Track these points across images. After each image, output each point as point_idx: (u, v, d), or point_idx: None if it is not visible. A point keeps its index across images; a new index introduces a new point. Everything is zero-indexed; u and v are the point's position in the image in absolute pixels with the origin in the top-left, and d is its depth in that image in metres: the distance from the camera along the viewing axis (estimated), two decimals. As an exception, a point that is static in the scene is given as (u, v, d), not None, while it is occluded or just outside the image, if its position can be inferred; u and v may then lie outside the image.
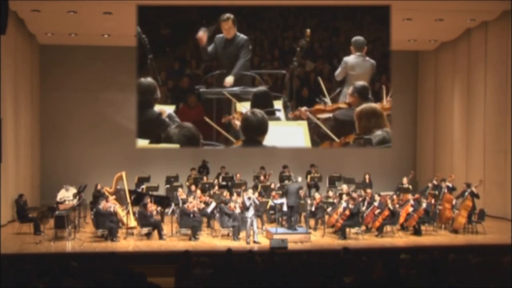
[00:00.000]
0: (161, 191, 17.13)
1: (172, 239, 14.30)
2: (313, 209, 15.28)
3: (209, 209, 14.98)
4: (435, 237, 14.88)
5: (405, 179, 17.00)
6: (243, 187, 16.51)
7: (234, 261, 9.25)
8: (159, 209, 15.04)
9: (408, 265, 8.66)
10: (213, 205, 14.99)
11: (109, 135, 20.46)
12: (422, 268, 8.37)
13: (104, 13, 15.66)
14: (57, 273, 7.50)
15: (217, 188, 16.92)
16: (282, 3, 14.97)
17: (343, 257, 9.89)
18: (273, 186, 16.86)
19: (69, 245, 13.52)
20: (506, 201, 16.92)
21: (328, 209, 15.23)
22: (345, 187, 16.75)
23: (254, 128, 9.97)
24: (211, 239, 14.38)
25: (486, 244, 14.08)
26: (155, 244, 13.79)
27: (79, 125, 20.59)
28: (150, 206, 14.53)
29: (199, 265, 8.71)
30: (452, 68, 20.12)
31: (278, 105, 12.16)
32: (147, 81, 11.52)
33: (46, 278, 7.32)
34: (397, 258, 9.71)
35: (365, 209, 15.26)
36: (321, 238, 14.65)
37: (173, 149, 14.72)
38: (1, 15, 12.18)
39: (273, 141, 10.91)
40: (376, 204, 14.96)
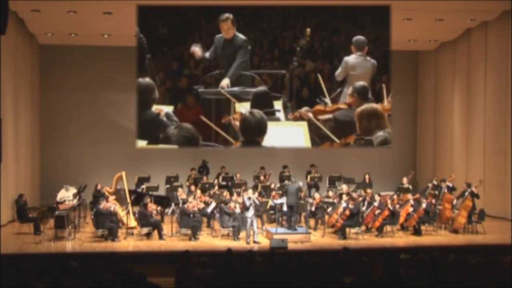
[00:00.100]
0: (161, 191, 17.12)
1: (172, 239, 14.30)
2: (313, 209, 15.28)
3: (209, 209, 14.98)
4: (435, 237, 14.88)
5: (405, 179, 17.00)
6: (243, 187, 16.51)
7: (234, 261, 9.24)
8: (159, 209, 15.05)
9: (408, 265, 8.66)
10: (213, 205, 15.00)
11: (109, 135, 20.46)
12: (422, 268, 8.37)
13: (104, 13, 15.66)
14: (57, 273, 7.50)
15: (217, 188, 16.92)
16: (282, 3, 14.93)
17: (343, 257, 9.89)
18: (273, 186, 16.85)
19: (69, 245, 13.51)
20: (506, 201, 16.92)
21: (328, 209, 15.23)
22: (345, 187, 16.75)
23: (252, 128, 9.94)
24: (211, 239, 14.38)
25: (486, 244, 14.08)
26: (155, 244, 13.78)
27: (79, 125, 20.59)
28: (150, 206, 14.54)
29: (199, 265, 8.71)
30: (452, 68, 20.11)
31: (277, 105, 12.09)
32: (145, 81, 11.48)
33: (46, 278, 7.32)
34: (397, 258, 9.71)
35: (365, 209, 15.26)
36: (321, 238, 14.64)
37: (173, 149, 14.74)
38: (1, 15, 12.18)
39: (273, 142, 10.89)
40: (376, 204, 14.96)
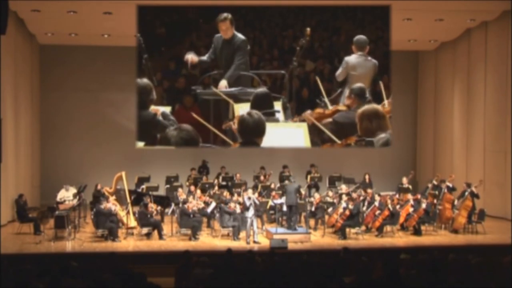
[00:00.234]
0: (161, 191, 17.13)
1: (172, 239, 14.30)
2: (313, 209, 15.28)
3: (209, 209, 14.99)
4: (435, 237, 14.88)
5: (405, 179, 16.99)
6: (243, 187, 16.51)
7: (234, 261, 9.24)
8: (159, 209, 15.04)
9: (408, 265, 8.65)
10: (213, 205, 15.00)
11: (109, 135, 20.46)
12: (422, 268, 8.37)
13: (104, 13, 15.67)
14: (57, 273, 7.50)
15: (217, 188, 16.92)
16: (282, 3, 14.90)
17: (343, 257, 9.89)
18: (273, 186, 16.84)
19: (69, 245, 13.51)
20: (506, 201, 16.92)
21: (328, 209, 15.23)
22: (345, 187, 16.75)
23: (251, 129, 9.86)
24: (211, 239, 14.38)
25: (486, 244, 14.08)
26: (155, 244, 13.78)
27: (79, 125, 20.59)
28: (150, 206, 14.54)
29: (199, 265, 8.71)
30: (452, 68, 20.11)
31: (277, 106, 11.96)
32: (143, 82, 11.43)
33: (46, 278, 7.31)
34: (397, 258, 9.70)
35: (366, 209, 15.26)
36: (321, 238, 14.64)
37: (173, 149, 14.77)
38: (1, 15, 12.18)
39: (273, 143, 10.84)
40: (376, 204, 14.96)
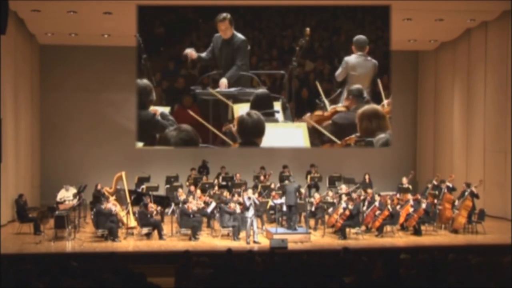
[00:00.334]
0: (161, 191, 17.13)
1: (172, 239, 14.30)
2: (313, 209, 15.28)
3: (209, 209, 14.99)
4: (435, 237, 14.88)
5: (405, 179, 17.00)
6: (243, 187, 16.50)
7: (234, 261, 9.25)
8: (159, 209, 15.04)
9: (408, 265, 8.66)
10: (213, 205, 15.00)
11: (109, 135, 20.45)
12: (422, 268, 8.37)
13: (104, 13, 15.66)
14: (57, 273, 7.51)
15: (217, 188, 16.92)
16: (281, 2, 14.87)
17: (343, 257, 9.89)
18: (273, 186, 16.84)
19: (69, 245, 13.51)
20: (506, 201, 16.92)
21: (328, 209, 15.23)
22: (345, 187, 16.75)
23: (250, 130, 9.84)
24: (211, 239, 14.37)
25: (486, 244, 14.08)
26: (155, 244, 13.78)
27: (79, 125, 20.59)
28: (150, 206, 14.53)
29: (199, 265, 8.71)
30: (452, 68, 20.11)
31: (276, 106, 11.92)
32: (143, 82, 11.43)
33: (46, 278, 7.32)
34: (397, 258, 9.71)
35: (366, 209, 15.26)
36: (321, 238, 14.64)
37: (173, 149, 14.75)
38: (1, 15, 12.18)
39: (272, 143, 10.83)
40: (377, 204, 14.95)
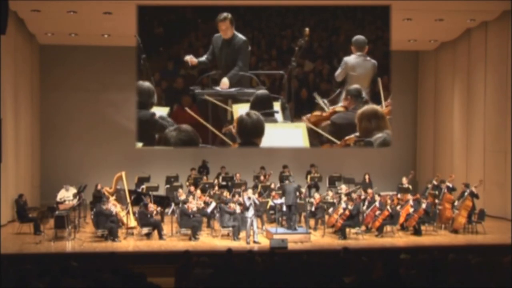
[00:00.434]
0: (161, 191, 17.13)
1: (172, 239, 14.30)
2: (313, 209, 15.28)
3: (209, 209, 14.99)
4: (435, 237, 14.88)
5: (405, 179, 17.00)
6: (243, 187, 16.50)
7: (234, 261, 9.25)
8: (159, 209, 15.04)
9: (408, 265, 8.66)
10: (213, 205, 15.01)
11: (109, 135, 20.45)
12: (422, 268, 8.37)
13: (104, 13, 15.67)
14: (57, 273, 7.51)
15: (217, 188, 16.92)
16: (281, 2, 14.86)
17: (343, 257, 9.89)
18: (273, 186, 16.84)
19: (69, 245, 13.52)
20: (506, 201, 16.92)
21: (328, 209, 15.23)
22: (345, 187, 16.76)
23: (249, 130, 9.80)
24: (211, 239, 14.38)
25: (486, 244, 14.08)
26: (155, 244, 13.79)
27: (79, 125, 20.59)
28: (150, 206, 14.53)
29: (199, 265, 8.71)
30: (452, 68, 20.11)
31: (276, 106, 11.85)
32: (145, 84, 11.44)
33: (46, 278, 7.32)
34: (397, 258, 9.71)
35: (366, 209, 15.26)
36: (321, 238, 14.64)
37: (173, 149, 14.69)
38: (1, 15, 12.18)
39: (271, 143, 10.81)
40: (377, 204, 14.96)
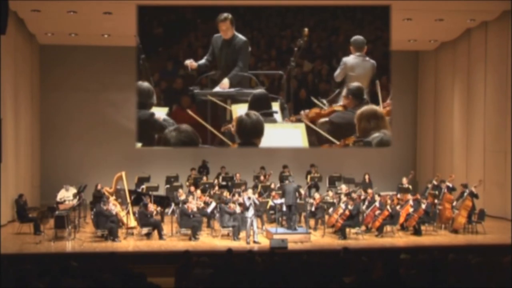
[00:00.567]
0: (161, 191, 17.13)
1: (172, 239, 14.30)
2: (313, 209, 15.28)
3: (209, 209, 14.99)
4: (435, 237, 14.88)
5: (405, 179, 17.02)
6: (243, 187, 16.50)
7: (234, 261, 9.25)
8: (159, 209, 15.05)
9: (408, 265, 8.66)
10: (213, 205, 15.01)
11: (109, 135, 20.46)
12: (422, 268, 8.37)
13: (104, 13, 15.67)
14: (57, 273, 7.51)
15: (217, 188, 16.92)
16: (280, 2, 14.85)
17: (343, 257, 9.89)
18: (273, 186, 16.84)
19: (69, 245, 13.51)
20: (506, 201, 16.92)
21: (329, 209, 15.23)
22: (345, 187, 16.76)
23: (249, 130, 9.80)
24: (211, 239, 14.38)
25: (486, 244, 14.08)
26: (155, 244, 13.79)
27: (79, 125, 20.59)
28: (150, 206, 14.54)
29: (199, 265, 8.72)
30: (452, 68, 20.11)
31: (275, 107, 11.82)
32: (145, 85, 11.45)
33: (46, 278, 7.32)
34: (397, 258, 9.71)
35: (366, 209, 15.26)
36: (321, 238, 14.64)
37: (173, 149, 14.75)
38: (1, 15, 12.18)
39: (270, 143, 10.80)
40: (377, 204, 14.96)
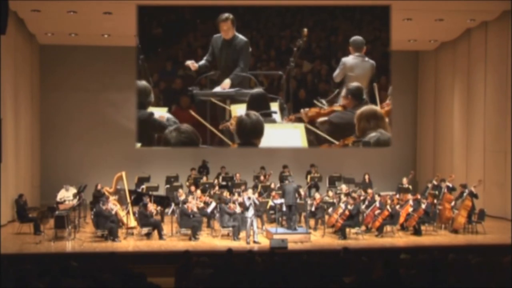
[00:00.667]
0: (161, 191, 17.13)
1: (172, 239, 14.30)
2: (313, 209, 15.28)
3: (209, 209, 14.99)
4: (435, 237, 14.88)
5: (405, 179, 17.02)
6: (243, 187, 16.50)
7: (234, 261, 9.25)
8: (159, 209, 15.05)
9: (408, 265, 8.67)
10: (213, 205, 15.01)
11: (109, 135, 20.45)
12: (422, 268, 8.38)
13: (104, 13, 15.67)
14: (57, 273, 7.51)
15: (217, 188, 16.92)
16: (280, 3, 14.85)
17: (343, 257, 9.90)
18: (273, 186, 16.84)
19: (69, 245, 13.51)
20: (506, 201, 16.92)
21: (328, 209, 15.23)
22: (345, 187, 16.76)
23: (249, 130, 9.80)
24: (211, 239, 14.38)
25: (486, 244, 14.08)
26: (155, 244, 13.79)
27: (79, 125, 20.59)
28: (150, 206, 14.54)
29: (199, 265, 8.72)
30: (452, 68, 20.11)
31: (274, 107, 11.84)
32: (141, 84, 11.46)
33: (46, 278, 7.32)
34: (397, 258, 9.72)
35: (366, 209, 15.26)
36: (321, 238, 14.64)
37: (173, 149, 14.74)
38: (1, 15, 12.18)
39: (270, 143, 10.81)
40: (377, 204, 14.96)
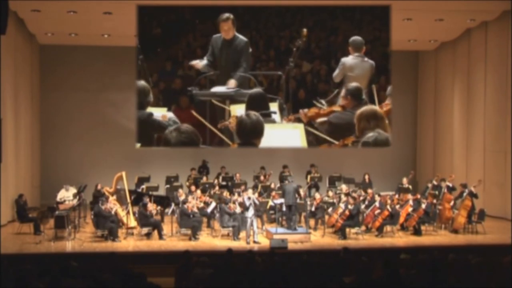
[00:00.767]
0: (161, 191, 17.14)
1: (172, 239, 14.30)
2: (313, 209, 15.29)
3: (209, 209, 14.99)
4: (435, 237, 14.88)
5: (405, 179, 17.03)
6: (243, 187, 16.50)
7: (234, 261, 9.25)
8: (159, 209, 15.05)
9: (408, 265, 8.67)
10: (213, 205, 15.01)
11: (109, 135, 20.46)
12: (422, 268, 8.38)
13: (104, 13, 15.67)
14: (57, 273, 7.51)
15: (217, 188, 16.93)
16: (279, 3, 14.84)
17: (343, 257, 9.90)
18: (273, 186, 16.84)
19: (69, 245, 13.52)
20: (506, 201, 16.92)
21: (328, 209, 15.23)
22: (345, 187, 16.77)
23: (249, 131, 9.77)
24: (211, 239, 14.38)
25: (486, 244, 14.08)
26: (155, 244, 13.79)
27: (79, 125, 20.59)
28: (150, 206, 14.54)
29: (199, 265, 8.72)
30: (452, 68, 20.12)
31: (273, 107, 11.78)
32: (140, 84, 11.46)
33: (46, 278, 7.33)
34: (397, 258, 9.72)
35: (366, 209, 15.26)
36: (321, 238, 14.64)
37: (173, 149, 14.76)
38: (1, 15, 12.18)
39: (269, 144, 10.80)
40: (377, 204, 14.96)
